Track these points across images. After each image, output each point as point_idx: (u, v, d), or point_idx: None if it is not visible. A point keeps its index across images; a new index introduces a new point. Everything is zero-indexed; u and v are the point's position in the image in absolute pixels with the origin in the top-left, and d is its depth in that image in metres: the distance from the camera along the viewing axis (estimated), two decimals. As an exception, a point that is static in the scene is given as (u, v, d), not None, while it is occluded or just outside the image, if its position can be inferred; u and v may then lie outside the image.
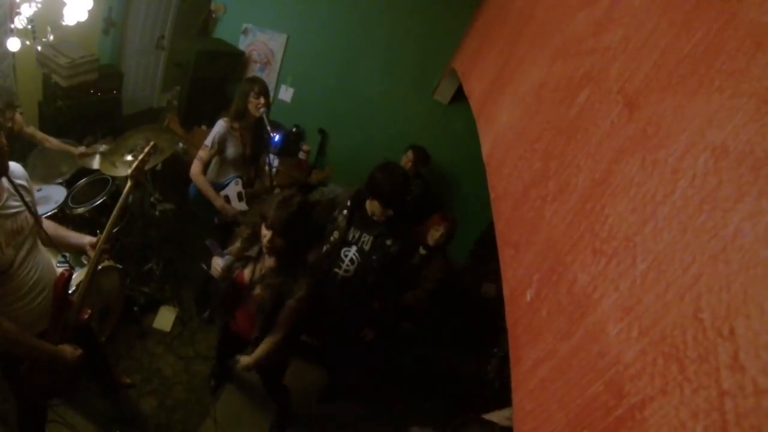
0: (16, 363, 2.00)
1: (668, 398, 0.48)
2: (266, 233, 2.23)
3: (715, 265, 0.50)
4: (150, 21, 5.36)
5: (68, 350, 2.05)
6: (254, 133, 3.45)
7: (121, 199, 2.18)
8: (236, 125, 3.35)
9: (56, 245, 2.12)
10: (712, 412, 0.43)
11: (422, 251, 3.65)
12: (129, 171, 2.30)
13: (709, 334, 0.47)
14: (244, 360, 2.52)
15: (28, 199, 1.87)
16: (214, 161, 3.42)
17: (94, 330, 2.66)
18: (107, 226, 2.13)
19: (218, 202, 3.37)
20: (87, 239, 2.19)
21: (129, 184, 2.26)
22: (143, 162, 2.36)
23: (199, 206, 3.55)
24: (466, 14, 4.38)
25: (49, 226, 2.10)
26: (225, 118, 3.35)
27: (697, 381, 0.46)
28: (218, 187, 3.43)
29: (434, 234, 3.57)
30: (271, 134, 3.38)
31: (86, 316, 2.23)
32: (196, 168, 3.35)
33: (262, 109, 3.29)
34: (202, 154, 3.34)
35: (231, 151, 3.36)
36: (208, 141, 3.33)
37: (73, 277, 2.21)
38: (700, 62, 0.68)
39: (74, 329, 2.13)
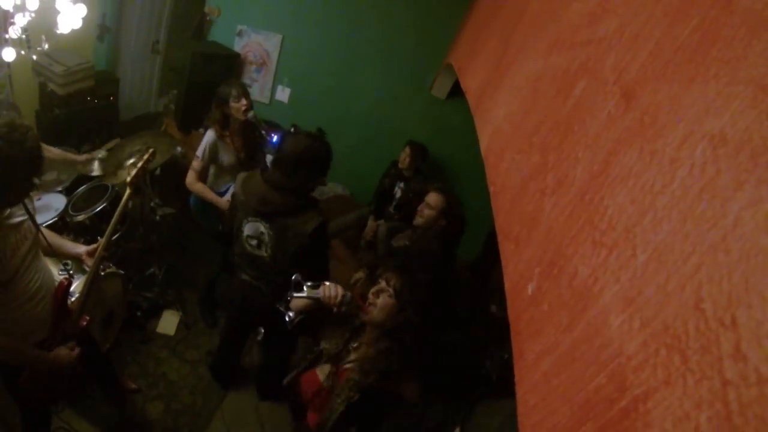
0: (16, 372, 2.01)
1: (671, 389, 0.48)
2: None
3: (715, 254, 0.49)
4: (144, 26, 5.35)
5: (63, 354, 2.04)
6: (245, 136, 3.42)
7: (120, 207, 2.18)
8: (225, 132, 3.31)
9: (55, 253, 2.12)
10: (715, 403, 0.42)
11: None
12: (128, 179, 2.30)
13: (710, 324, 0.46)
14: None
15: (30, 206, 1.88)
16: (211, 170, 3.40)
17: (94, 338, 2.66)
18: (106, 233, 2.13)
19: (222, 203, 3.31)
20: (82, 248, 2.19)
21: (128, 191, 2.25)
22: (143, 169, 2.36)
23: (202, 216, 3.54)
24: (461, 9, 4.37)
25: (46, 234, 2.10)
26: (213, 127, 3.30)
27: (700, 371, 0.45)
28: (217, 195, 3.40)
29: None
30: (269, 135, 3.37)
31: (85, 324, 2.23)
32: (190, 177, 3.31)
33: (249, 113, 3.26)
34: (195, 165, 3.30)
35: (225, 158, 3.34)
36: (199, 152, 3.29)
37: (74, 285, 2.21)
38: (696, 50, 0.68)
39: (74, 337, 2.13)
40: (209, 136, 3.29)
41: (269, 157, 3.83)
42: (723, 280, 0.47)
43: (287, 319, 2.14)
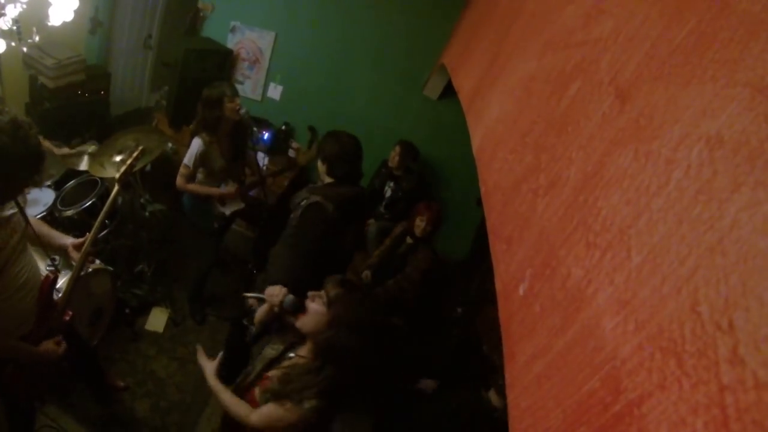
0: (0, 365, 1.99)
1: (667, 394, 0.47)
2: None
3: (712, 257, 0.49)
4: (137, 20, 5.29)
5: (51, 348, 2.03)
6: (234, 137, 3.38)
7: (107, 203, 2.16)
8: (213, 138, 3.24)
9: (42, 244, 2.10)
10: (712, 408, 0.42)
11: (409, 240, 3.69)
12: (117, 175, 2.28)
13: (707, 327, 0.46)
14: None
15: (20, 200, 1.87)
16: (200, 172, 3.35)
17: (80, 334, 2.63)
18: (93, 229, 2.11)
19: (217, 192, 3.32)
20: (69, 240, 2.17)
21: (116, 188, 2.24)
22: (131, 166, 2.34)
23: (198, 215, 3.50)
24: (455, 9, 4.37)
25: (34, 224, 2.08)
26: (201, 135, 3.21)
27: (696, 376, 0.45)
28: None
29: (419, 224, 3.58)
30: (261, 132, 3.34)
31: (68, 318, 2.21)
32: (180, 181, 3.26)
33: (242, 111, 3.20)
34: (183, 171, 3.24)
35: (217, 163, 3.29)
36: (188, 161, 3.21)
37: (61, 282, 2.19)
38: (692, 52, 0.68)
39: (59, 332, 2.11)
40: (197, 145, 3.20)
41: (261, 155, 3.80)
42: (720, 282, 0.46)
43: (249, 331, 2.15)
